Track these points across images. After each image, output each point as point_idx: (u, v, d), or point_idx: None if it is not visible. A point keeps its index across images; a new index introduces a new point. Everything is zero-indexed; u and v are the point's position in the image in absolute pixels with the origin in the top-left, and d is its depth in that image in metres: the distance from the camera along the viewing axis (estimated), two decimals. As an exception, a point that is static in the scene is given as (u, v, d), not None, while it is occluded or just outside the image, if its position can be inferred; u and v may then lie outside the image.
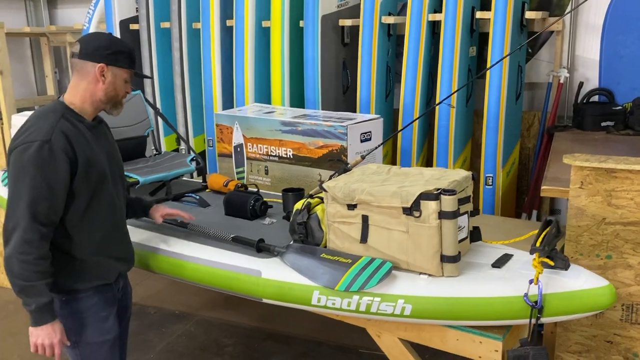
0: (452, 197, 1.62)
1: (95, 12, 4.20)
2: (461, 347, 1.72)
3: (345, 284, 1.70)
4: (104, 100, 1.80)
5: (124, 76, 1.80)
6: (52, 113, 1.72)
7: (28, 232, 1.62)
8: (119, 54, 1.78)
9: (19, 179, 1.64)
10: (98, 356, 1.84)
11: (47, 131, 1.66)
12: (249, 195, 2.37)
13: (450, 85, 3.14)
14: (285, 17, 3.44)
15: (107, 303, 1.85)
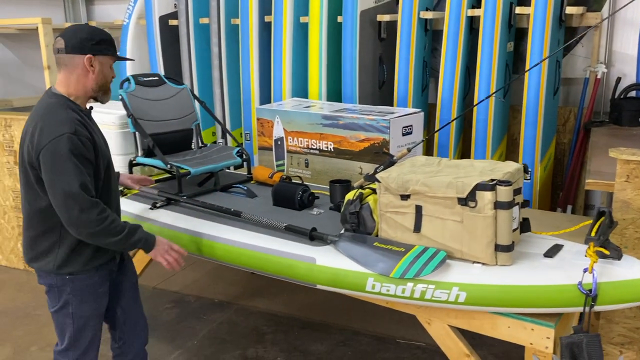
0: (508, 188, 1.67)
1: (135, 8, 4.29)
2: (513, 334, 1.77)
3: (400, 271, 1.75)
4: (95, 88, 1.90)
5: (109, 63, 1.91)
6: (60, 107, 1.83)
7: (90, 206, 1.77)
8: (102, 43, 1.87)
9: (61, 169, 1.74)
10: (89, 327, 1.99)
11: (68, 124, 1.78)
12: (297, 186, 2.43)
13: (489, 81, 3.17)
14: (323, 13, 3.49)
15: (104, 280, 2.01)
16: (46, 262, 1.90)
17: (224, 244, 2.15)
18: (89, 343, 2.01)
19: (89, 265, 1.93)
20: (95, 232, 1.79)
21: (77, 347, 2.00)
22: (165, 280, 3.84)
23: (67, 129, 1.76)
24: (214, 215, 2.26)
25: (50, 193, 1.78)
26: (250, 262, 2.10)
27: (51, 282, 1.93)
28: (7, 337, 3.17)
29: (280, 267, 2.03)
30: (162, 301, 3.57)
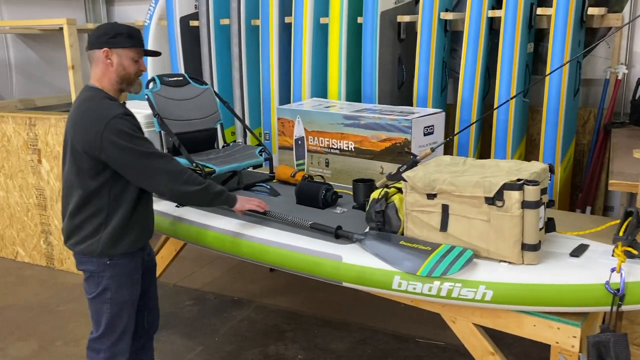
0: (535, 187, 1.69)
1: (156, 9, 4.35)
2: (538, 332, 1.79)
3: (426, 270, 1.78)
4: (118, 80, 1.97)
5: (129, 55, 1.96)
6: (100, 98, 1.94)
7: (171, 164, 1.95)
8: (118, 36, 1.94)
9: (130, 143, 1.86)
10: (123, 314, 2.08)
11: (116, 108, 1.90)
12: (320, 185, 2.46)
13: (509, 82, 3.18)
14: (343, 14, 3.52)
15: (138, 268, 2.12)
16: (90, 244, 1.98)
17: (250, 241, 2.19)
18: (122, 330, 2.09)
19: (130, 249, 2.03)
20: (185, 180, 1.94)
21: (112, 334, 2.07)
22: (185, 278, 3.89)
23: (117, 112, 1.88)
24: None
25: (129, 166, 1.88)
26: (276, 260, 2.13)
27: (92, 268, 2.02)
28: (32, 331, 3.23)
29: (306, 264, 2.06)
30: (182, 298, 3.61)
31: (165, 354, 2.98)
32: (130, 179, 1.93)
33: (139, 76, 2.04)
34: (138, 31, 2.03)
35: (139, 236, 2.06)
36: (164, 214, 2.52)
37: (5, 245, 4.34)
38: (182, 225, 2.43)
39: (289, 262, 2.11)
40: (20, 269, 4.13)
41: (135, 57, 1.98)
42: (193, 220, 2.41)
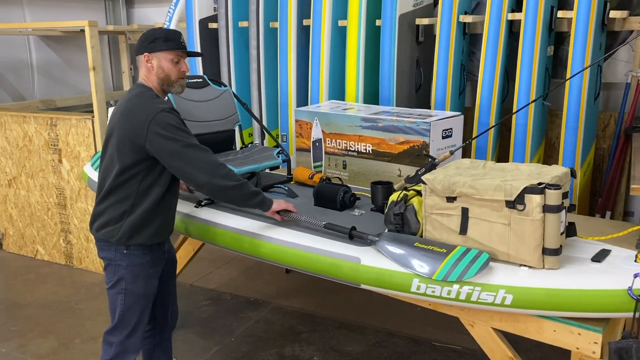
0: (557, 191, 1.68)
1: (175, 11, 4.39)
2: (558, 338, 1.77)
3: (442, 274, 1.77)
4: (159, 82, 2.08)
5: (168, 57, 2.06)
6: (151, 96, 2.05)
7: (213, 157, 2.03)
8: (156, 41, 2.06)
9: (175, 134, 1.96)
10: (138, 306, 2.12)
11: (163, 103, 2.03)
12: (339, 187, 2.47)
13: (529, 85, 3.16)
14: (362, 17, 3.52)
15: (155, 263, 2.16)
16: (110, 230, 2.06)
17: (268, 242, 2.20)
18: (135, 324, 2.12)
19: (147, 241, 2.09)
20: (224, 174, 2.01)
21: (125, 327, 2.11)
22: (202, 278, 3.92)
23: (165, 106, 2.00)
24: (256, 213, 2.31)
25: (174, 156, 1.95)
26: (294, 261, 2.14)
27: (110, 256, 2.09)
28: (51, 329, 3.28)
29: (325, 266, 2.06)
30: (199, 298, 3.64)
31: (183, 353, 3.00)
32: (172, 169, 2.00)
33: (182, 77, 2.12)
34: (176, 34, 2.10)
35: (159, 231, 2.12)
36: (183, 214, 2.54)
37: (26, 243, 4.41)
38: (200, 225, 2.45)
39: (307, 263, 2.11)
40: (40, 267, 4.20)
41: (175, 59, 2.07)
42: (211, 220, 2.42)
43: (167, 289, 2.36)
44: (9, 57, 4.67)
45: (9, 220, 4.45)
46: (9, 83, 4.70)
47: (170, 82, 2.09)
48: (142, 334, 2.21)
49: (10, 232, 4.48)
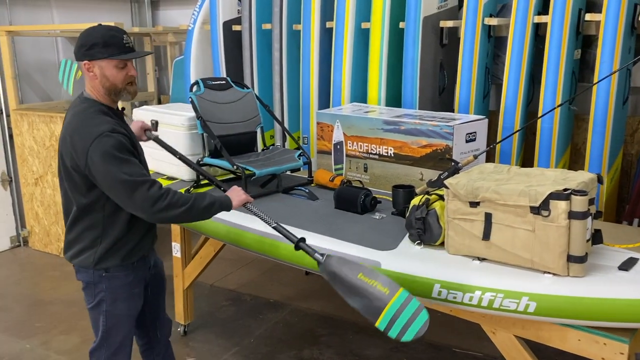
0: (583, 197, 1.64)
1: (200, 13, 4.42)
2: (583, 347, 1.73)
3: (383, 325, 1.71)
4: (105, 92, 1.86)
5: (111, 64, 1.82)
6: (92, 111, 1.84)
7: (150, 184, 1.80)
8: (94, 47, 1.81)
9: (112, 163, 1.77)
10: (120, 327, 2.00)
11: (104, 124, 1.80)
12: (360, 190, 2.46)
13: (554, 89, 3.10)
14: (385, 19, 3.51)
15: (139, 281, 2.03)
16: (86, 257, 1.93)
17: (289, 244, 2.19)
18: (119, 344, 2.03)
19: (125, 261, 1.96)
20: (165, 204, 1.80)
21: (109, 346, 2.02)
22: (222, 279, 3.94)
23: (105, 128, 1.79)
24: (278, 215, 2.30)
25: (110, 189, 1.80)
26: (314, 263, 2.11)
27: (88, 279, 1.97)
28: (74, 326, 3.33)
29: (345, 269, 2.04)
30: (219, 298, 3.66)
31: (202, 353, 3.02)
32: (114, 200, 1.84)
33: (130, 82, 1.89)
34: (117, 35, 1.84)
35: (138, 246, 1.99)
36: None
37: (51, 241, 4.49)
38: (222, 226, 2.46)
39: (326, 266, 2.10)
40: (64, 264, 4.26)
41: (119, 65, 1.84)
42: (233, 222, 2.43)
43: (157, 303, 2.22)
44: (37, 58, 4.76)
45: (35, 218, 4.53)
46: (36, 84, 4.79)
47: (117, 91, 1.87)
48: (130, 351, 2.10)
49: (36, 230, 4.56)
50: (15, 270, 4.24)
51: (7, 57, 4.30)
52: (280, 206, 2.56)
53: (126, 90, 1.89)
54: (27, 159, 4.40)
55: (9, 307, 3.61)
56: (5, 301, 3.68)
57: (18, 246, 4.66)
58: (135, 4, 5.62)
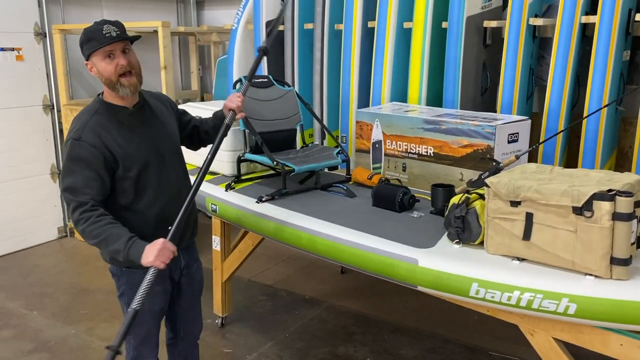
0: (628, 199, 1.60)
1: (243, 13, 4.51)
2: (625, 352, 1.69)
3: None
4: (108, 87, 1.86)
5: (99, 58, 1.82)
6: (87, 112, 1.89)
7: (75, 206, 1.80)
8: (83, 46, 1.84)
9: (64, 169, 1.85)
10: (142, 320, 1.96)
11: (80, 130, 1.83)
12: (398, 188, 2.46)
13: (601, 91, 3.03)
14: (428, 19, 3.49)
15: (162, 279, 1.99)
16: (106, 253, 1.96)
17: (326, 239, 2.22)
18: (143, 336, 2.06)
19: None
20: (80, 230, 1.81)
21: (135, 336, 2.05)
22: (259, 274, 4.00)
23: (73, 135, 1.82)
24: (315, 210, 2.33)
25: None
26: (351, 259, 2.14)
27: (113, 270, 2.02)
28: (116, 314, 3.44)
29: (382, 266, 2.06)
30: (256, 293, 3.71)
31: (238, 346, 3.07)
32: None
33: (123, 74, 1.84)
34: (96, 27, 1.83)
35: None
36: (243, 208, 2.62)
37: (96, 232, 4.64)
38: (260, 220, 2.50)
39: (364, 262, 2.11)
40: (108, 255, 4.40)
41: (105, 55, 1.82)
42: (270, 215, 2.47)
43: (188, 303, 2.21)
44: (87, 55, 4.94)
45: (81, 209, 4.69)
46: (85, 80, 4.97)
47: (113, 84, 1.84)
48: (157, 342, 2.12)
49: (82, 221, 4.72)
50: (61, 259, 4.41)
51: (59, 55, 4.49)
52: (317, 202, 2.59)
53: (120, 83, 1.84)
54: (76, 153, 4.57)
55: (55, 294, 3.76)
56: (52, 289, 3.84)
57: (65, 237, 4.84)
58: (181, 4, 5.76)
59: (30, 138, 4.51)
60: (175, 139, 2.10)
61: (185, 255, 2.15)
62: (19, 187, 4.49)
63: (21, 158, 4.48)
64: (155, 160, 1.96)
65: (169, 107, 2.14)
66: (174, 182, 2.03)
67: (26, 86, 4.44)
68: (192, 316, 2.26)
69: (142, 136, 1.94)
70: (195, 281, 2.22)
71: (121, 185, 1.90)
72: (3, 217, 4.42)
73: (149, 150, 1.94)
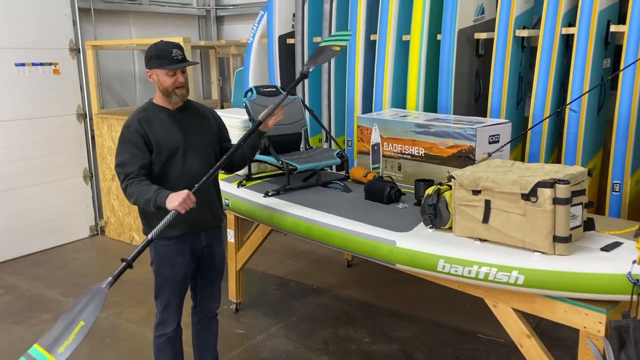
0: (566, 186, 1.90)
1: (258, 28, 4.89)
2: (569, 318, 1.98)
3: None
4: (163, 93, 2.34)
5: (163, 72, 2.28)
6: (138, 110, 2.39)
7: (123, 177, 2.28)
8: (151, 59, 2.30)
9: (117, 149, 2.34)
10: (166, 286, 2.44)
11: (130, 121, 2.34)
12: (386, 183, 2.78)
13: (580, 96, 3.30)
14: (424, 32, 3.82)
15: (182, 254, 2.41)
16: (144, 227, 2.47)
17: (320, 226, 2.56)
18: (167, 301, 2.45)
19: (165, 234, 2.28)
20: (127, 195, 2.27)
21: (161, 300, 2.47)
22: (272, 267, 4.35)
23: (124, 124, 2.34)
24: (314, 203, 2.68)
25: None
26: (342, 243, 2.48)
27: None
28: (142, 301, 3.82)
29: (366, 247, 2.39)
30: (268, 284, 4.06)
31: (250, 327, 3.42)
32: None
33: (178, 87, 2.31)
34: (168, 49, 2.27)
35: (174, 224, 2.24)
36: (253, 202, 2.98)
37: (124, 230, 5.06)
38: (267, 212, 2.86)
39: (351, 245, 2.45)
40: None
41: (170, 73, 2.28)
42: (275, 208, 2.83)
43: (207, 278, 2.57)
44: (116, 68, 5.39)
45: (111, 210, 5.12)
46: (115, 91, 5.42)
47: (169, 93, 2.32)
48: (178, 310, 2.48)
49: (111, 221, 5.15)
50: (93, 255, 4.83)
51: (92, 68, 4.93)
52: (318, 196, 2.93)
53: (174, 93, 2.33)
54: (106, 157, 5.00)
55: (88, 284, 4.16)
56: (85, 279, 4.25)
57: (96, 235, 5.27)
58: (203, 20, 6.19)
59: (65, 144, 4.95)
60: (208, 138, 2.49)
61: (207, 237, 2.52)
62: (54, 189, 4.94)
63: (57, 162, 4.92)
64: (184, 149, 2.39)
65: (212, 117, 2.57)
66: (198, 170, 2.38)
67: (62, 97, 4.89)
68: (209, 292, 2.63)
69: (176, 130, 2.38)
70: (215, 261, 2.59)
71: (156, 164, 2.35)
72: (40, 217, 4.86)
73: (179, 141, 2.38)
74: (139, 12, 5.52)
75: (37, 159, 4.78)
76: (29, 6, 4.59)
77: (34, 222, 4.82)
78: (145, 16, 5.60)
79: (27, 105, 4.66)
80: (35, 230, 4.83)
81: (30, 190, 4.76)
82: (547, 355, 2.08)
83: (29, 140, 4.70)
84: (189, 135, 2.42)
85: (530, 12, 3.74)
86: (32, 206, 4.79)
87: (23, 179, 4.71)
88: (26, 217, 4.76)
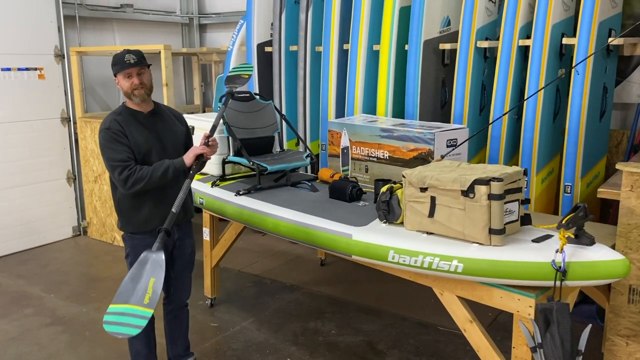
0: (499, 183, 2.11)
1: (238, 36, 5.10)
2: (505, 303, 2.18)
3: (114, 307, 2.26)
4: (125, 96, 2.57)
5: (121, 77, 2.54)
6: (112, 113, 2.60)
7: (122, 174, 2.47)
8: (114, 66, 2.56)
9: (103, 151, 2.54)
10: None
11: (107, 123, 2.55)
12: (348, 182, 2.98)
13: (535, 103, 3.53)
14: (392, 42, 4.04)
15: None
16: (119, 221, 2.67)
17: (286, 222, 2.75)
18: None
19: (141, 228, 2.59)
20: (131, 183, 2.45)
21: None
22: (248, 266, 4.52)
23: (103, 127, 2.54)
24: (282, 201, 2.88)
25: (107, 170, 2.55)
26: (304, 237, 2.67)
27: (123, 235, 2.70)
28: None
29: (326, 240, 2.58)
30: (244, 281, 4.23)
31: (224, 321, 3.59)
32: None
33: (135, 89, 2.54)
34: (122, 55, 2.54)
35: (148, 219, 2.58)
36: (224, 200, 3.17)
37: (106, 231, 5.21)
38: (237, 209, 3.06)
39: (312, 238, 2.64)
40: (116, 251, 4.97)
41: (125, 76, 2.53)
42: (245, 205, 3.03)
43: (179, 269, 2.77)
44: (99, 74, 5.56)
45: (93, 211, 5.27)
46: (98, 95, 5.59)
47: (129, 95, 2.56)
48: None
49: (94, 221, 5.30)
50: (75, 254, 4.98)
51: (76, 73, 5.10)
52: (286, 195, 3.12)
53: (133, 94, 2.56)
54: (89, 160, 5.16)
55: (70, 281, 4.31)
56: (67, 277, 4.39)
57: (79, 235, 5.42)
58: (186, 27, 6.38)
59: (49, 147, 5.11)
60: (177, 140, 2.71)
61: (178, 231, 2.73)
62: (38, 190, 5.08)
63: (41, 164, 5.07)
64: (157, 149, 2.60)
65: (179, 121, 2.79)
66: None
67: (46, 101, 5.05)
68: (180, 283, 2.82)
69: (149, 132, 2.59)
70: (185, 254, 2.80)
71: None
72: (24, 217, 5.00)
73: (153, 142, 2.59)
74: (123, 19, 5.69)
75: (22, 161, 4.93)
76: (16, 13, 4.75)
77: (18, 222, 4.96)
78: (130, 24, 5.78)
79: (12, 109, 4.82)
80: (19, 230, 4.97)
81: (15, 192, 4.91)
82: (487, 338, 2.28)
83: (14, 142, 4.85)
84: (162, 136, 2.62)
85: (493, 24, 3.97)
86: (17, 207, 4.94)
87: (8, 180, 4.86)
88: (10, 217, 4.90)
